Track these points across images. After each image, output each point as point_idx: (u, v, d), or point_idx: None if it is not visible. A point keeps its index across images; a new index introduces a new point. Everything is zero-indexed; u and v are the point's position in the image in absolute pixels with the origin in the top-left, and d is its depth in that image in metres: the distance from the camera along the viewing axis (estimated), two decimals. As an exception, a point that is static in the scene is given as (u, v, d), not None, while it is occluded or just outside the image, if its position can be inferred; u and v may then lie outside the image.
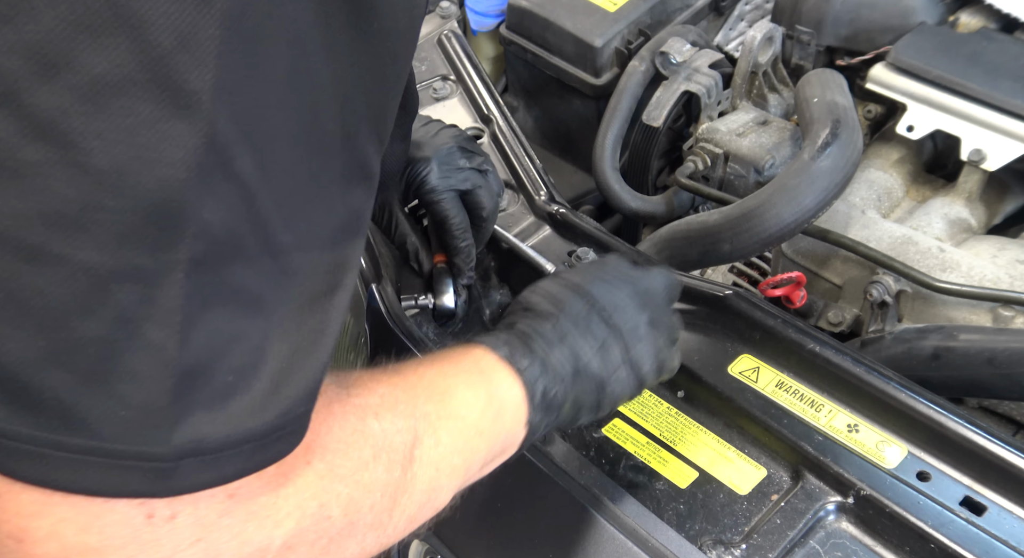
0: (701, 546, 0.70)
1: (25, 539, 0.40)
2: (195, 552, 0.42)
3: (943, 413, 0.72)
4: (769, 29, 1.10)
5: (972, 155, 0.97)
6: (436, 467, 0.56)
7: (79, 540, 0.40)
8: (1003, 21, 1.06)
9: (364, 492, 0.49)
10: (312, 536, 0.47)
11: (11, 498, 0.40)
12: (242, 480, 0.42)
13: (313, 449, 0.47)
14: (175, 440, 0.39)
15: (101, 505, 0.40)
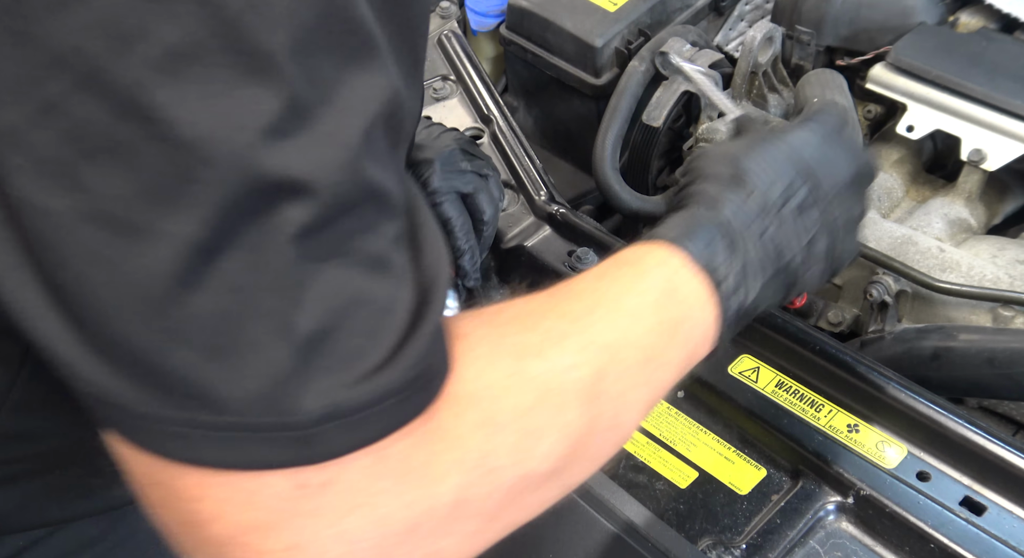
0: (701, 546, 0.70)
1: (195, 522, 0.40)
2: (359, 518, 0.40)
3: (943, 413, 0.72)
4: (769, 29, 1.10)
5: (972, 155, 0.97)
6: (618, 404, 0.50)
7: (243, 518, 0.40)
8: (1003, 21, 1.06)
9: (533, 439, 0.46)
10: (483, 490, 0.44)
11: (174, 483, 0.40)
12: (388, 439, 0.40)
13: (461, 399, 0.44)
14: (309, 406, 0.38)
15: (254, 480, 0.39)
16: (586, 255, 0.93)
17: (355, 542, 0.40)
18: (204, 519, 0.40)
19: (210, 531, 0.40)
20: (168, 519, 0.43)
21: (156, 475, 0.41)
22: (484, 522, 0.46)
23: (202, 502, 0.40)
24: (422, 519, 0.42)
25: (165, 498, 0.42)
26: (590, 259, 0.93)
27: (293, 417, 0.38)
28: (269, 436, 0.38)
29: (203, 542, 0.41)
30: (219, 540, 0.40)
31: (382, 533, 0.41)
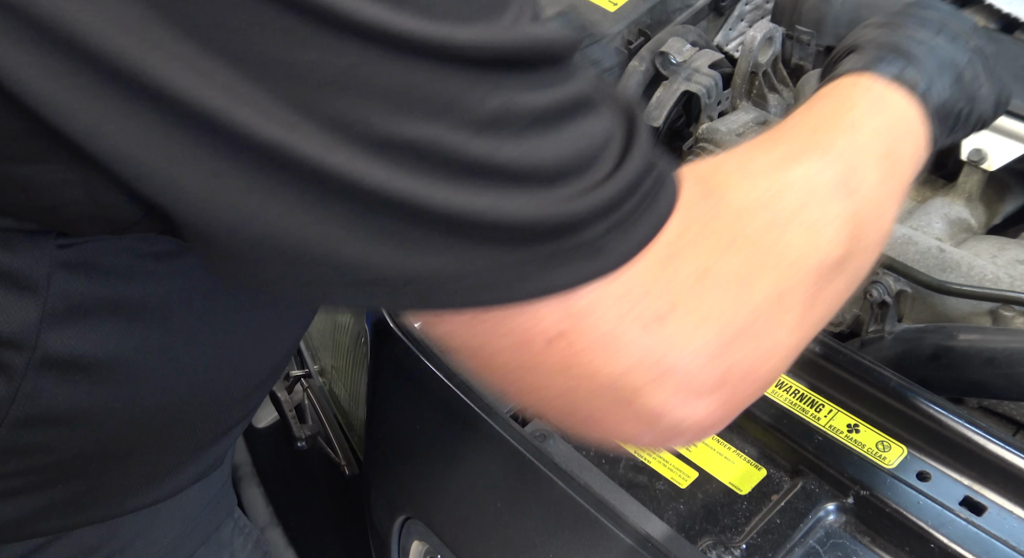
0: (701, 546, 0.70)
1: (558, 371, 0.43)
2: (662, 304, 0.43)
3: (943, 413, 0.72)
4: (769, 29, 1.10)
5: (972, 155, 0.97)
6: (874, 197, 0.55)
7: (593, 336, 0.42)
8: (1003, 21, 1.06)
9: (815, 231, 0.50)
10: (793, 282, 0.48)
11: (525, 324, 0.42)
12: (684, 240, 0.44)
13: (742, 211, 0.48)
14: (585, 214, 0.40)
15: (583, 297, 0.41)
16: (586, 255, 0.93)
17: (700, 344, 0.44)
18: (572, 342, 0.42)
19: (582, 359, 0.43)
20: (530, 387, 0.45)
21: (493, 337, 0.43)
22: (801, 313, 0.49)
23: (560, 328, 0.42)
24: (756, 316, 0.46)
25: (514, 363, 0.44)
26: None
27: (584, 234, 0.40)
28: (568, 254, 0.40)
29: (577, 389, 0.44)
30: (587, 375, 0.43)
31: (722, 335, 0.44)
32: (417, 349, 0.86)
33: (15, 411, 0.52)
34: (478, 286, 0.40)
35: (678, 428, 0.46)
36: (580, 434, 0.49)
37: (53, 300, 0.49)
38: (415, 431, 0.84)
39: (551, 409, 0.47)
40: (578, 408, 0.46)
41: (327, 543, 1.33)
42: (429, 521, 0.81)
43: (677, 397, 0.45)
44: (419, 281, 0.40)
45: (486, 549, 0.77)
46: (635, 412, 0.45)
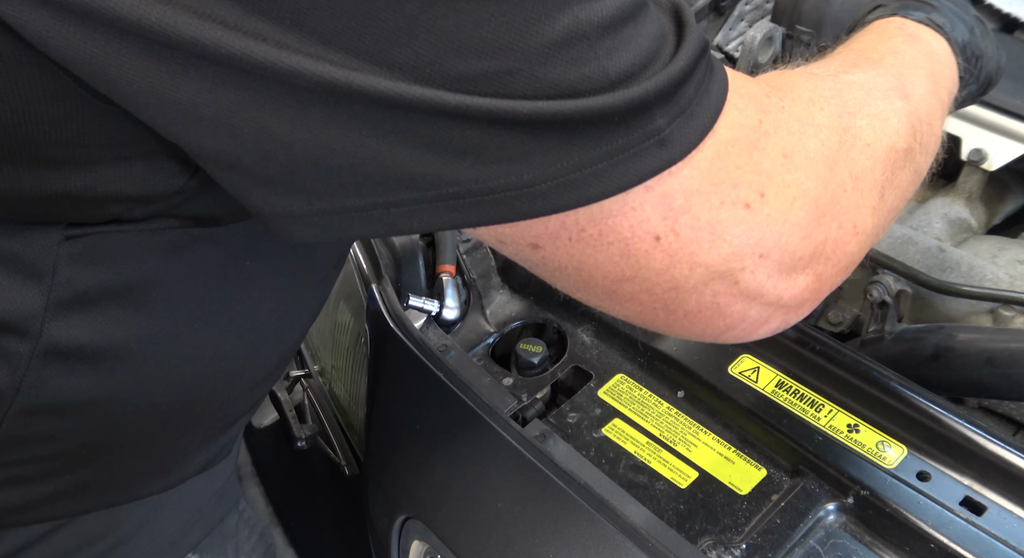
0: (701, 546, 0.70)
1: (667, 248, 0.44)
2: (753, 188, 0.45)
3: (943, 413, 0.72)
4: (769, 29, 1.10)
5: (972, 155, 0.97)
6: (925, 104, 0.58)
7: (696, 226, 0.44)
8: (1003, 21, 1.06)
9: (881, 120, 0.53)
10: (867, 164, 0.51)
11: (630, 227, 0.44)
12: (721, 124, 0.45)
13: (812, 100, 0.51)
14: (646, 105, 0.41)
15: (678, 192, 0.43)
16: (586, 255, 0.93)
17: (792, 223, 0.46)
18: (644, 247, 0.44)
19: (652, 259, 0.45)
20: (633, 295, 0.47)
21: (598, 248, 0.44)
22: (878, 197, 0.52)
23: (659, 228, 0.44)
24: (839, 195, 0.48)
25: (617, 273, 0.46)
26: (590, 259, 0.93)
27: (650, 124, 0.41)
28: (640, 146, 0.41)
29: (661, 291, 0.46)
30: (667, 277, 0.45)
31: (812, 212, 0.47)
32: (417, 349, 0.86)
33: (19, 401, 0.52)
34: (562, 186, 0.41)
35: (778, 304, 0.49)
36: (681, 332, 0.51)
37: (58, 289, 0.50)
38: (415, 431, 0.84)
39: (653, 312, 0.49)
40: (681, 304, 0.48)
41: (327, 543, 1.33)
42: (429, 521, 0.81)
43: (777, 274, 0.47)
44: (502, 190, 0.41)
45: (486, 549, 0.77)
46: (738, 294, 0.47)
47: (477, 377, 0.82)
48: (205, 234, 0.54)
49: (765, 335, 0.52)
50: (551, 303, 0.94)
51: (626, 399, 0.82)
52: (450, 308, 0.91)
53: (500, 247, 0.48)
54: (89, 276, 0.50)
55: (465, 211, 0.42)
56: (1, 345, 0.50)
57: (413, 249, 0.98)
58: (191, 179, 0.47)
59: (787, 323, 0.52)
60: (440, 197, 0.41)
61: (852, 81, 0.55)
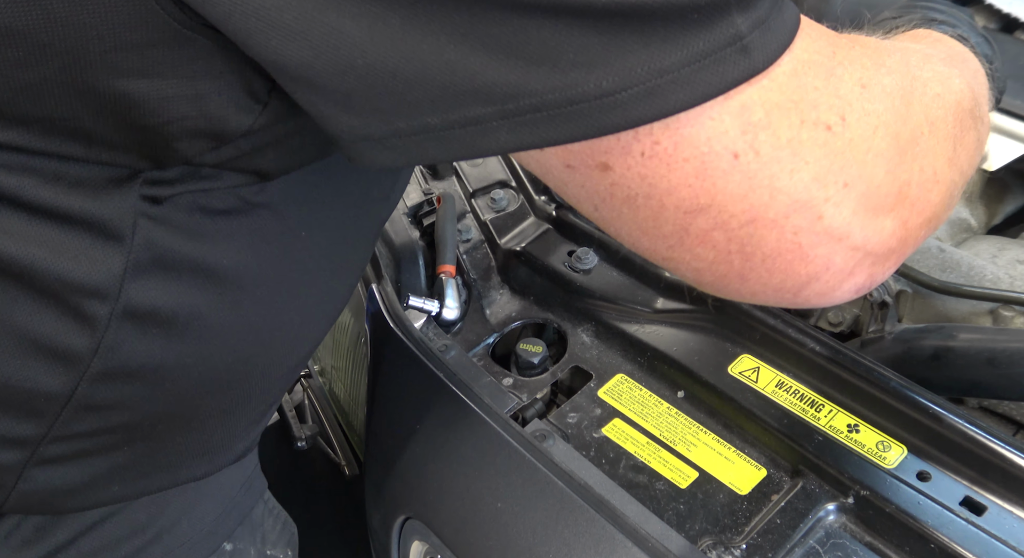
0: (701, 546, 0.70)
1: (745, 168, 0.42)
2: (834, 111, 0.44)
3: (943, 413, 0.72)
4: (769, 29, 1.10)
5: (972, 155, 0.97)
6: (975, 84, 0.57)
7: (776, 145, 0.42)
8: (1003, 21, 1.06)
9: (944, 78, 0.52)
10: (940, 112, 0.50)
11: (708, 140, 0.42)
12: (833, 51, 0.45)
13: (878, 50, 0.49)
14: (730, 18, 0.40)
15: (758, 107, 0.42)
16: (586, 255, 0.93)
17: (876, 153, 0.45)
18: (718, 164, 0.42)
19: (720, 177, 0.43)
20: (707, 234, 0.45)
21: (673, 166, 0.42)
22: (952, 149, 0.50)
23: (711, 140, 0.42)
24: (917, 135, 0.47)
25: (691, 200, 0.44)
26: (590, 259, 0.93)
27: (728, 30, 0.40)
28: (719, 55, 0.40)
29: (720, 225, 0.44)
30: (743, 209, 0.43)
31: (894, 146, 0.45)
32: (417, 349, 0.86)
33: (96, 364, 0.54)
34: (643, 94, 0.39)
35: (864, 249, 0.46)
36: (758, 288, 0.48)
37: (137, 250, 0.51)
38: (415, 431, 0.84)
39: (728, 258, 0.46)
40: (760, 244, 0.45)
41: (327, 543, 1.33)
42: (429, 521, 0.81)
43: (861, 211, 0.45)
44: (582, 100, 0.39)
45: (486, 549, 0.77)
46: (822, 232, 0.44)
47: (477, 377, 0.82)
48: (265, 200, 0.55)
49: (847, 296, 0.49)
50: (551, 303, 0.94)
51: (626, 399, 0.82)
52: (450, 308, 0.91)
53: (567, 174, 0.46)
54: (165, 239, 0.52)
55: (543, 126, 0.40)
56: (83, 308, 0.52)
57: (413, 249, 0.98)
58: (259, 117, 0.47)
59: (872, 279, 0.49)
60: (518, 111, 0.40)
61: (910, 48, 0.54)
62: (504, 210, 1.01)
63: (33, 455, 0.57)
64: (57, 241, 0.50)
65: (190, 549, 0.72)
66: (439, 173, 1.09)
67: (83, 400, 0.56)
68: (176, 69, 0.44)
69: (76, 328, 0.52)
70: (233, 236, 0.55)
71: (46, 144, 0.47)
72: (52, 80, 0.43)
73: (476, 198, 1.03)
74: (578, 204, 0.48)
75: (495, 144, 0.41)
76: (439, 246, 0.96)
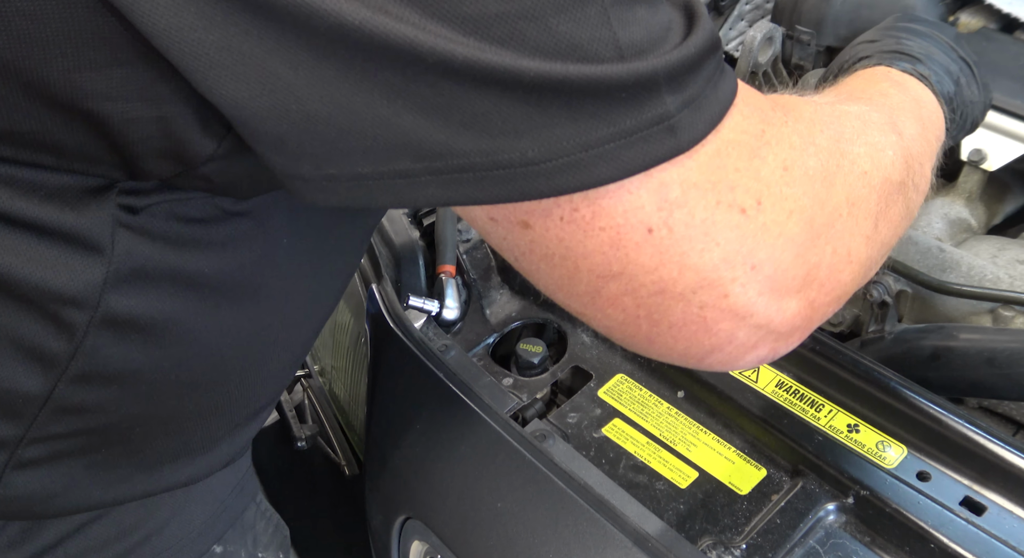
0: (701, 546, 0.70)
1: (657, 243, 0.44)
2: (751, 194, 0.45)
3: (943, 413, 0.72)
4: (769, 29, 1.10)
5: (972, 155, 0.97)
6: (914, 144, 0.58)
7: (690, 224, 0.44)
8: (1003, 21, 1.06)
9: (878, 151, 0.53)
10: (863, 192, 0.51)
11: (624, 214, 0.43)
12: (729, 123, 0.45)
13: (811, 122, 0.51)
14: (653, 69, 0.41)
15: (675, 185, 0.43)
16: (586, 255, 0.93)
17: (787, 237, 0.46)
18: (634, 239, 0.43)
19: (654, 275, 0.44)
20: (616, 298, 0.46)
21: (589, 234, 0.44)
22: (872, 227, 0.51)
23: (634, 221, 0.43)
24: (834, 217, 0.48)
25: (604, 267, 0.45)
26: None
27: (655, 110, 0.41)
28: (647, 134, 0.41)
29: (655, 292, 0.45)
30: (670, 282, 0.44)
31: (808, 230, 0.46)
32: (417, 349, 0.86)
33: (73, 367, 0.54)
34: (567, 166, 0.41)
35: (767, 328, 0.48)
36: (663, 350, 0.49)
37: (118, 261, 0.51)
38: (415, 431, 0.84)
39: (636, 322, 0.48)
40: (666, 313, 0.46)
41: (327, 543, 1.33)
42: (429, 521, 0.81)
43: (767, 293, 0.46)
44: (507, 166, 0.41)
45: (486, 549, 0.77)
46: (727, 310, 0.46)
47: (477, 377, 0.82)
48: (245, 208, 0.55)
49: (750, 365, 0.51)
50: (551, 303, 0.94)
51: (626, 399, 0.82)
52: (450, 308, 0.91)
53: (491, 226, 0.48)
54: (145, 248, 0.52)
55: (470, 186, 0.42)
56: (61, 315, 0.52)
57: (413, 249, 0.98)
58: (223, 142, 0.48)
59: (775, 353, 0.51)
60: (445, 169, 0.41)
61: (848, 111, 0.55)
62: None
63: (12, 457, 0.57)
64: (34, 251, 0.49)
65: (179, 551, 0.72)
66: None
67: (60, 401, 0.56)
68: (140, 91, 0.43)
69: (54, 333, 0.53)
70: (212, 244, 0.55)
71: (17, 154, 0.46)
72: (18, 95, 0.43)
73: (476, 198, 1.03)
74: (500, 251, 0.50)
75: (423, 197, 0.43)
76: (439, 246, 0.96)
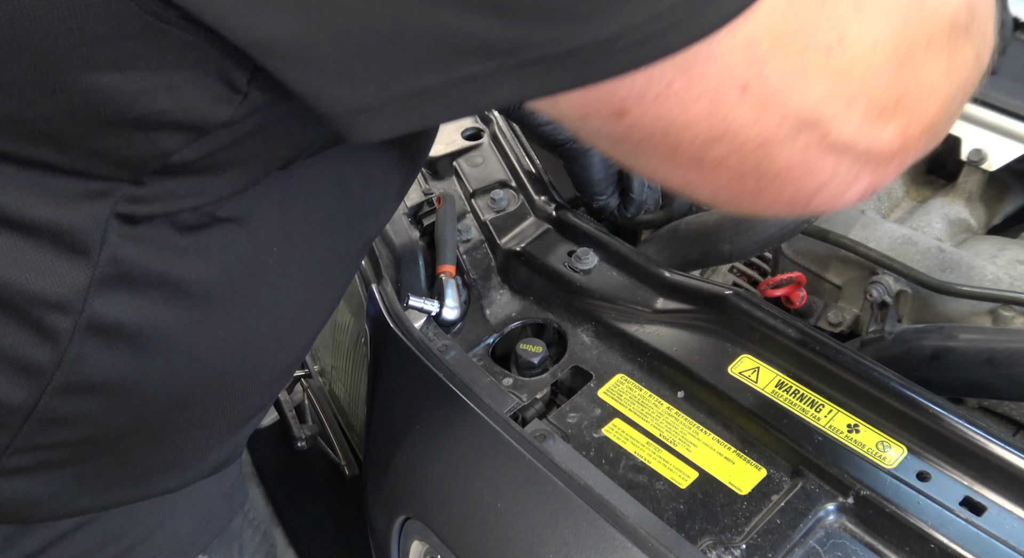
0: (701, 546, 0.70)
1: (755, 97, 0.43)
2: (833, 34, 0.44)
3: (943, 413, 0.72)
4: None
5: (972, 155, 0.97)
6: (979, 8, 0.55)
7: (783, 72, 0.43)
8: (1003, 21, 1.06)
9: None
10: (935, 27, 0.49)
11: (718, 76, 0.42)
12: None
13: None
14: None
15: (762, 41, 0.42)
16: (586, 255, 0.93)
17: (875, 67, 0.45)
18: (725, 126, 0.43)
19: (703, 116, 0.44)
20: (720, 160, 0.46)
21: (685, 105, 0.43)
22: (947, 65, 0.50)
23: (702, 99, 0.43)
24: (914, 48, 0.47)
25: (705, 132, 0.45)
26: (590, 259, 0.93)
27: None
28: None
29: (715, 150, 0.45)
30: None
31: (892, 60, 0.46)
32: (417, 349, 0.86)
33: (59, 377, 0.53)
34: (645, 37, 0.40)
35: (867, 156, 0.48)
36: (771, 202, 0.50)
37: (103, 265, 0.51)
38: (415, 431, 0.84)
39: (742, 179, 0.48)
40: (772, 163, 0.47)
41: (327, 543, 1.33)
42: (429, 521, 0.81)
43: (863, 123, 0.47)
44: (581, 50, 0.40)
45: (486, 549, 0.77)
46: (829, 146, 0.46)
47: (477, 377, 0.82)
48: (234, 214, 0.55)
49: (852, 200, 0.51)
50: (551, 303, 0.94)
51: (626, 399, 0.82)
52: (450, 308, 0.91)
53: (583, 124, 0.47)
54: (133, 253, 0.51)
55: (545, 77, 0.41)
56: (45, 321, 0.51)
57: (413, 249, 0.98)
58: (239, 108, 0.47)
59: (875, 184, 0.51)
60: (518, 64, 0.41)
61: None
62: (504, 210, 1.01)
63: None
64: (19, 252, 0.49)
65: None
66: (439, 173, 1.09)
67: (46, 413, 0.55)
68: (149, 61, 0.43)
69: (38, 341, 0.52)
70: (201, 251, 0.54)
71: (17, 148, 0.46)
72: (21, 78, 0.43)
73: (476, 198, 1.03)
74: (593, 145, 0.50)
75: (499, 97, 0.42)
76: (439, 246, 0.96)
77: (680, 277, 0.87)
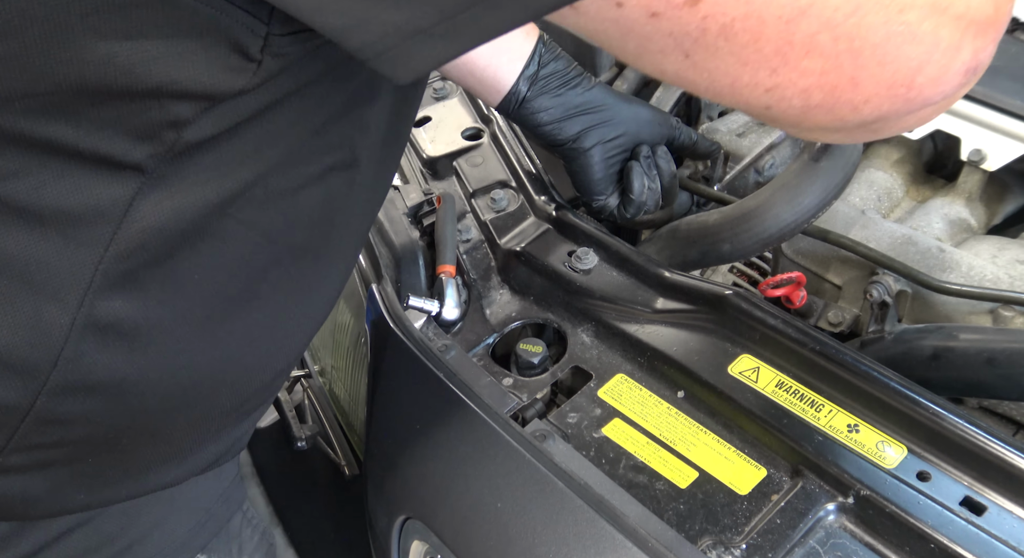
0: (701, 546, 0.70)
1: None
2: None
3: (943, 413, 0.72)
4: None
5: (972, 155, 0.97)
6: None
7: None
8: (1003, 21, 1.06)
9: None
10: None
11: None
12: None
13: None
14: None
15: None
16: (586, 255, 0.93)
17: None
18: None
19: None
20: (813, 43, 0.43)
21: None
22: None
23: None
24: None
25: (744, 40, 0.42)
26: (590, 259, 0.93)
27: None
28: None
29: None
30: None
31: None
32: (417, 349, 0.86)
33: (55, 377, 0.53)
34: None
35: (965, 18, 0.44)
36: (872, 85, 0.45)
37: (108, 261, 0.50)
38: (415, 431, 0.84)
39: (836, 59, 0.44)
40: (868, 36, 0.43)
41: (327, 543, 1.33)
42: (429, 521, 0.81)
43: (972, 26, 0.44)
44: None
45: (486, 549, 0.77)
46: (926, 5, 0.43)
47: (477, 377, 0.82)
48: (232, 211, 0.54)
49: (958, 77, 0.47)
50: (551, 303, 0.94)
51: (626, 399, 0.82)
52: (450, 308, 0.91)
53: (653, 25, 0.43)
54: (137, 249, 0.51)
55: None
56: (43, 316, 0.51)
57: (413, 249, 0.98)
58: (253, 77, 0.47)
59: (976, 57, 0.47)
60: None
61: None
62: (504, 210, 1.01)
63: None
64: (24, 243, 0.49)
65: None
66: (439, 173, 1.09)
67: (43, 413, 0.55)
68: (159, 29, 0.43)
69: (34, 338, 0.52)
70: (202, 252, 0.54)
71: (30, 125, 0.45)
72: (33, 49, 0.42)
73: (476, 198, 1.03)
74: (662, 62, 0.46)
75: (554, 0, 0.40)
76: (439, 246, 0.96)
77: (680, 277, 0.87)
